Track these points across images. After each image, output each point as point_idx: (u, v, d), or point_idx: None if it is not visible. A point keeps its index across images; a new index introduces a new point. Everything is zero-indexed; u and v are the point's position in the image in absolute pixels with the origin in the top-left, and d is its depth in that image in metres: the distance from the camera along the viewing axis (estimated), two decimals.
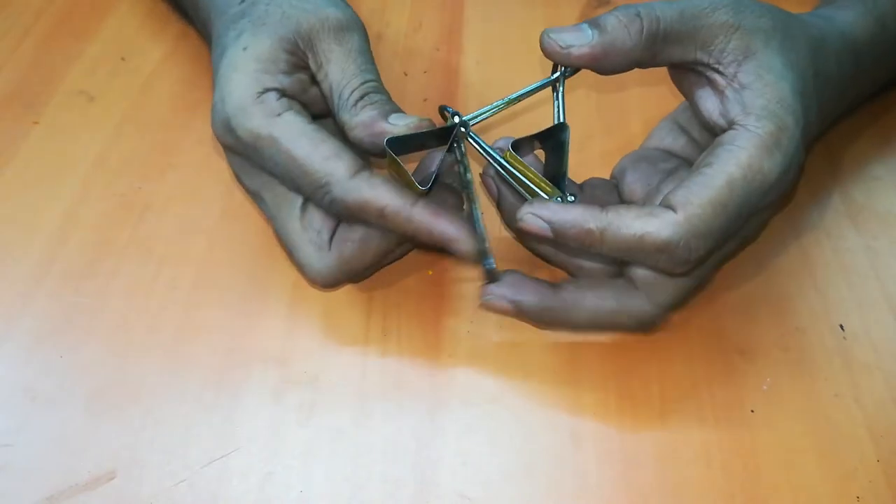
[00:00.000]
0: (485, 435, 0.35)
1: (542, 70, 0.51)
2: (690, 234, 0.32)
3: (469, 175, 0.37)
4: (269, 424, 0.35)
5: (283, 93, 0.36)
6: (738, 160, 0.33)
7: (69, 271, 0.41)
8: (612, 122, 0.48)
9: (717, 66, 0.35)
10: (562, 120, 0.37)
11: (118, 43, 0.52)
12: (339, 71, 0.37)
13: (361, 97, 0.36)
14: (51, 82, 0.50)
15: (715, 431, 0.35)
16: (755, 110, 0.34)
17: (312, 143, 0.34)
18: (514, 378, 0.37)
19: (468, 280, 0.40)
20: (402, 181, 0.35)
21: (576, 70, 0.36)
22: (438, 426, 0.36)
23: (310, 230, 0.36)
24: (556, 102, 0.37)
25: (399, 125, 0.35)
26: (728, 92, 0.35)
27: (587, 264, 0.37)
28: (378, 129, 0.35)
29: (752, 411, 0.36)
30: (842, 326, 0.39)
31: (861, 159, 0.44)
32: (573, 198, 0.35)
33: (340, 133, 0.37)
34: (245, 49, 0.36)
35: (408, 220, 0.34)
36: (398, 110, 0.36)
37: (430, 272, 0.41)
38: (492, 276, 0.36)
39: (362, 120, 0.35)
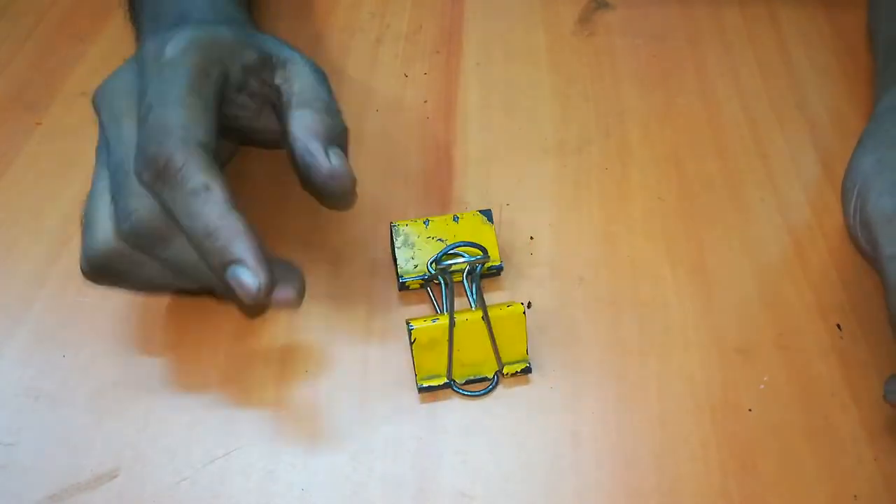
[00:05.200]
0: (485, 434, 0.36)
1: (542, 70, 0.52)
2: None
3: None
4: (270, 423, 0.36)
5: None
6: None
7: (72, 271, 0.41)
8: (611, 126, 0.48)
9: None
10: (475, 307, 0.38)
11: (120, 44, 0.52)
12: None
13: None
14: (53, 84, 0.50)
15: (713, 430, 0.35)
16: None
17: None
18: (514, 378, 0.37)
19: None
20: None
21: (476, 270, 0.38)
22: (438, 426, 0.36)
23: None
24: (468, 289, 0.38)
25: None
26: None
27: None
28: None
29: (750, 410, 0.36)
30: (839, 326, 0.39)
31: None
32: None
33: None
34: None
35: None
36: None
37: None
38: None
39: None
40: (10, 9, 0.55)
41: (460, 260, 0.38)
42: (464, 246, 0.38)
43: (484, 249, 0.37)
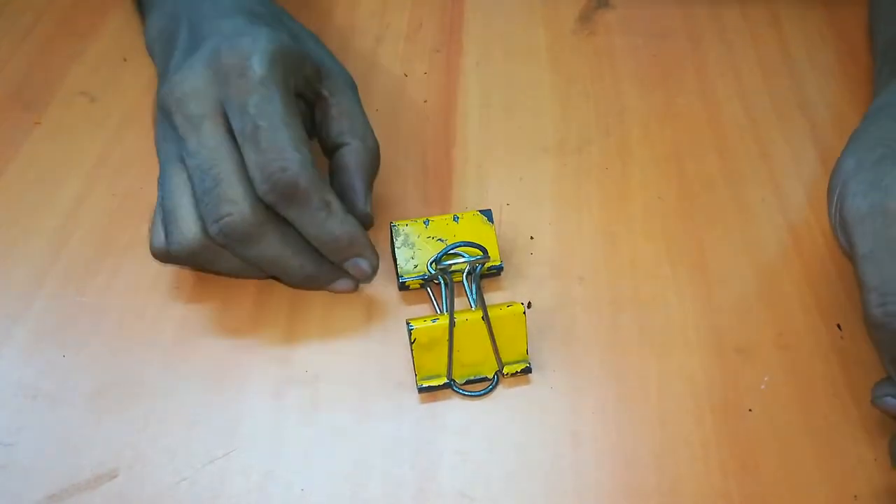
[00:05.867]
0: (485, 434, 0.36)
1: (542, 69, 0.52)
2: None
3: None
4: (270, 423, 0.36)
5: None
6: None
7: (71, 271, 0.41)
8: (611, 126, 0.48)
9: None
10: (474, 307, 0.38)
11: (119, 43, 0.53)
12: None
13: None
14: (52, 82, 0.50)
15: (713, 430, 0.35)
16: None
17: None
18: (514, 378, 0.37)
19: None
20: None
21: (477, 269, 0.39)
22: (438, 425, 0.36)
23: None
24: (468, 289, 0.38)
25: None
26: None
27: None
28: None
29: (750, 410, 0.36)
30: (839, 326, 0.39)
31: None
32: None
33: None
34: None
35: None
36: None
37: None
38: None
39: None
40: (9, 7, 0.55)
41: (460, 260, 0.38)
42: (464, 246, 0.38)
43: (484, 249, 0.37)
